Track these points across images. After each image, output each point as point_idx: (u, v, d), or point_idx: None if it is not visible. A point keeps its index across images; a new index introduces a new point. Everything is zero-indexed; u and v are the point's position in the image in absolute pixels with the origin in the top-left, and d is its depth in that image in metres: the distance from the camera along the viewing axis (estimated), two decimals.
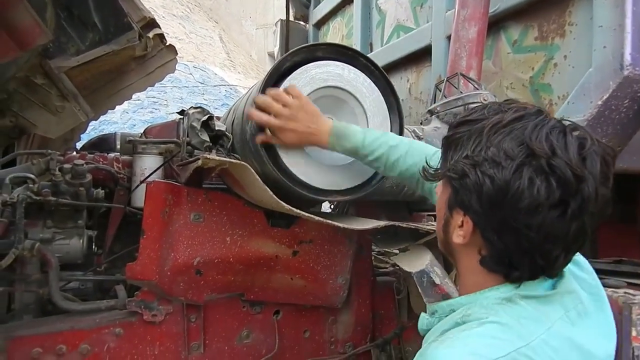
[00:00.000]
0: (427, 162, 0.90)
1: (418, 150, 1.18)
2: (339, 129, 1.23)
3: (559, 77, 1.42)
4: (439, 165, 0.84)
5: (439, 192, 0.86)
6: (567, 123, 0.74)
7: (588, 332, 0.76)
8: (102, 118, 3.32)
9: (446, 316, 0.79)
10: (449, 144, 0.79)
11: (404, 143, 1.20)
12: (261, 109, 1.23)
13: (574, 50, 1.37)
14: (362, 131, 1.23)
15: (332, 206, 2.06)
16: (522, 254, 0.72)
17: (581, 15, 1.34)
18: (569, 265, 0.81)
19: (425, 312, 0.87)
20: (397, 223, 1.31)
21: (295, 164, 1.27)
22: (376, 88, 1.35)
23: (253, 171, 1.17)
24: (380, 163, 1.21)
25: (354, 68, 1.33)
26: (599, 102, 1.22)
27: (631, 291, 1.10)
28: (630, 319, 1.03)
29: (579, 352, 0.74)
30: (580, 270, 0.84)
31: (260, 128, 1.24)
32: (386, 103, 1.36)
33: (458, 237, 0.77)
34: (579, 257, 0.86)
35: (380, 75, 1.36)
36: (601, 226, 1.88)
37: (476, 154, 0.73)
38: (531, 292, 0.75)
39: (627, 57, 1.18)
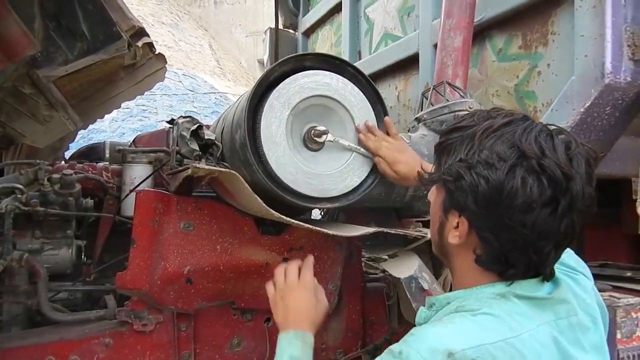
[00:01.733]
0: (422, 168, 0.95)
1: None
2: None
3: (542, 85, 1.45)
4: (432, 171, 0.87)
5: (432, 197, 0.89)
6: (552, 127, 0.78)
7: (576, 344, 0.78)
8: (90, 127, 3.30)
9: (442, 308, 0.83)
10: (442, 150, 0.83)
11: None
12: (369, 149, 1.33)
13: (556, 59, 1.40)
14: None
15: (322, 213, 2.07)
16: (517, 251, 0.76)
17: (563, 24, 1.37)
18: (571, 283, 0.86)
19: (416, 317, 0.89)
20: (386, 229, 1.32)
21: (285, 173, 1.29)
22: (364, 97, 1.37)
23: (242, 179, 1.18)
24: None
25: (342, 77, 1.35)
26: (582, 110, 1.25)
27: (616, 294, 1.12)
28: (615, 321, 1.06)
29: (563, 356, 0.76)
30: (579, 288, 0.87)
31: None
32: (374, 111, 1.38)
33: (454, 238, 0.81)
34: (581, 278, 0.89)
35: (368, 84, 1.38)
36: (587, 229, 1.91)
37: (470, 157, 0.76)
38: (525, 293, 0.78)
39: (608, 66, 1.21)
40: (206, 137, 1.30)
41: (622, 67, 1.22)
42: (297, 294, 1.11)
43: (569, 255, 0.86)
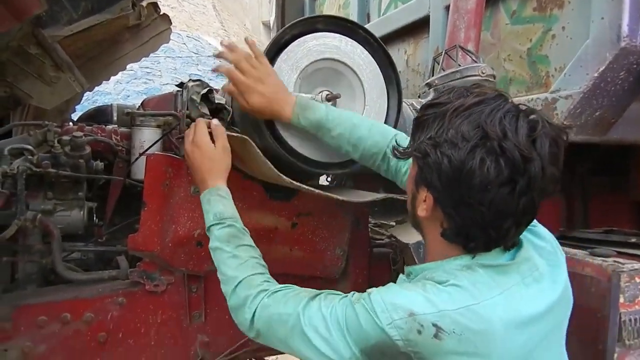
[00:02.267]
0: (396, 142, 0.99)
1: (379, 131, 1.20)
2: (304, 100, 1.23)
3: (556, 49, 1.42)
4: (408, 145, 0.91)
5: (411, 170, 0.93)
6: (523, 107, 0.81)
7: (536, 295, 0.84)
8: (95, 89, 3.28)
9: (417, 277, 0.88)
10: (417, 125, 0.87)
11: (365, 123, 1.22)
12: (228, 60, 1.20)
13: (572, 22, 1.37)
14: (325, 106, 1.24)
15: (329, 179, 2.08)
16: (477, 227, 0.80)
17: None
18: (530, 236, 0.91)
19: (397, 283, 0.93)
20: (394, 195, 1.33)
21: (295, 138, 1.29)
22: (374, 60, 1.35)
23: (254, 144, 1.18)
24: (342, 140, 1.21)
25: (352, 40, 1.32)
26: (595, 74, 1.23)
27: (620, 260, 1.14)
28: (619, 286, 1.07)
29: (521, 322, 0.81)
30: (539, 239, 0.92)
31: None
32: (384, 76, 1.36)
33: (422, 210, 0.85)
34: (538, 227, 0.95)
35: (379, 48, 1.36)
36: (593, 197, 1.91)
37: (438, 136, 0.80)
38: (490, 262, 0.83)
39: (625, 29, 1.18)
40: (216, 102, 1.29)
41: (639, 31, 1.19)
42: (195, 155, 1.16)
43: None
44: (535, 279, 0.85)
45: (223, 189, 1.14)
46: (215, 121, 1.18)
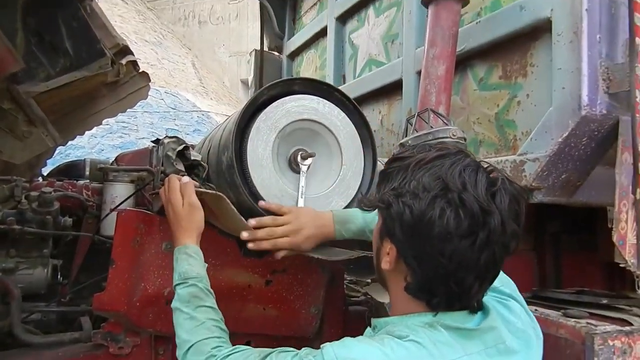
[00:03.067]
0: (362, 194, 0.98)
1: None
2: (340, 216, 1.26)
3: (522, 114, 1.49)
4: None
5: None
6: (485, 165, 0.84)
7: None
8: (69, 143, 3.25)
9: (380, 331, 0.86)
10: (382, 178, 0.89)
11: None
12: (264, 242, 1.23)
13: (535, 90, 1.45)
14: (360, 212, 1.25)
15: None
16: (439, 280, 0.80)
17: (541, 57, 1.42)
18: (500, 308, 0.90)
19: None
20: (370, 253, 1.32)
21: (270, 195, 1.29)
22: (350, 121, 1.39)
23: (227, 200, 1.18)
24: None
25: (329, 102, 1.37)
26: (560, 140, 1.29)
27: (593, 321, 1.14)
28: (593, 349, 1.07)
29: None
30: (510, 313, 0.91)
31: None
32: (360, 136, 1.40)
33: (386, 263, 0.85)
34: (511, 303, 0.94)
35: (354, 109, 1.40)
36: (565, 255, 1.93)
37: (401, 187, 0.82)
38: (453, 324, 0.81)
39: (585, 98, 1.25)
40: (192, 158, 1.29)
41: (597, 100, 1.26)
42: (168, 212, 1.17)
43: (499, 279, 0.89)
44: (500, 351, 0.83)
45: (191, 248, 1.12)
46: (185, 178, 1.18)
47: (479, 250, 0.77)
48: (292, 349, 0.88)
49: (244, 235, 1.21)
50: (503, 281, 0.97)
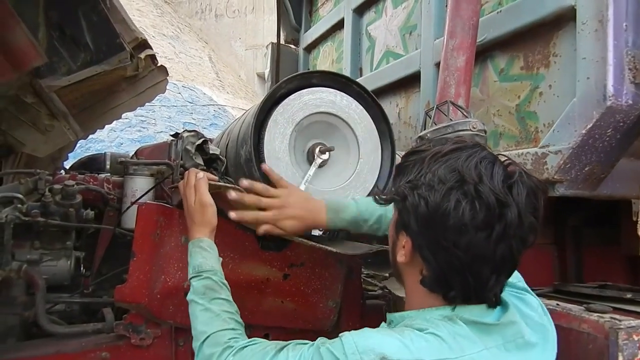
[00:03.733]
0: (378, 188, 0.97)
1: None
2: (334, 204, 1.24)
3: (544, 106, 1.46)
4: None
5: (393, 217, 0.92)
6: (502, 158, 0.83)
7: None
8: (89, 136, 3.30)
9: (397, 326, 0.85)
10: (398, 171, 0.89)
11: None
12: (249, 206, 1.20)
13: (558, 80, 1.42)
14: (353, 200, 1.25)
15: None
16: (455, 273, 0.79)
17: (565, 47, 1.39)
18: (517, 302, 0.90)
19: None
20: (388, 247, 1.32)
21: None
22: (367, 115, 1.38)
23: (245, 193, 1.18)
24: (380, 223, 1.23)
25: (347, 95, 1.36)
26: (583, 131, 1.26)
27: (617, 316, 1.12)
28: (617, 344, 1.05)
29: None
30: (527, 307, 0.91)
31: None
32: (377, 129, 1.39)
33: (401, 256, 0.85)
34: (527, 296, 0.93)
35: (372, 102, 1.39)
36: (586, 249, 1.90)
37: (416, 179, 0.81)
38: (473, 318, 0.81)
39: (610, 89, 1.22)
40: (211, 152, 1.30)
41: (623, 90, 1.23)
42: (184, 206, 1.16)
43: (513, 275, 0.88)
44: (518, 346, 0.82)
45: (205, 242, 1.12)
46: (200, 174, 1.18)
47: (495, 242, 0.77)
48: (308, 341, 0.88)
49: (232, 194, 1.18)
50: (516, 276, 0.96)
